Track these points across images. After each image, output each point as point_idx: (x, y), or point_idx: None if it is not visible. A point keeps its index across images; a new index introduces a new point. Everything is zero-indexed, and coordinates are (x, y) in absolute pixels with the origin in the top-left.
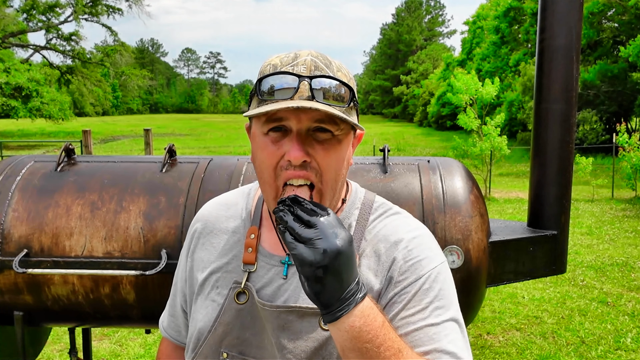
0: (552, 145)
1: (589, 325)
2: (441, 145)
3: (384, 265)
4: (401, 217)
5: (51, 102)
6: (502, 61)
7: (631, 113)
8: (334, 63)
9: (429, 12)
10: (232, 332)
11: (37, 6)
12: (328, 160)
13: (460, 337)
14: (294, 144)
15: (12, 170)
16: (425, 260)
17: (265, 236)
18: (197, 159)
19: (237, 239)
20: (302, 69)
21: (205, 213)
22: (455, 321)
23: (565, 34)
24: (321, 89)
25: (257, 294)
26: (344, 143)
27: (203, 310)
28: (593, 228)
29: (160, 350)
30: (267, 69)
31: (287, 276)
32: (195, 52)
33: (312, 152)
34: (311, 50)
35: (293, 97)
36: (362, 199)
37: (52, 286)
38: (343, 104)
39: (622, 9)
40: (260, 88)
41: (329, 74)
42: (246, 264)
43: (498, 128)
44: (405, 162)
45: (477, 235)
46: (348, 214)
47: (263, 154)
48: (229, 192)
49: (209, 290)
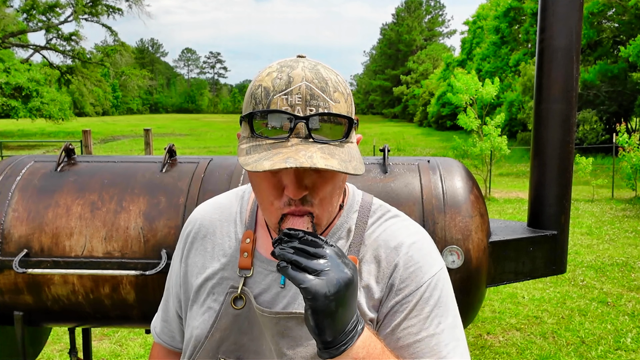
0: (552, 145)
1: (589, 326)
2: (441, 145)
3: (385, 271)
4: (400, 221)
5: (51, 102)
6: (502, 61)
7: (631, 113)
8: (329, 82)
9: (429, 12)
10: (229, 337)
11: (37, 6)
12: (326, 187)
13: (459, 343)
14: (292, 179)
15: (12, 170)
16: (426, 266)
17: (261, 241)
18: (197, 159)
19: (232, 244)
20: (297, 99)
21: (198, 216)
22: (454, 327)
23: (566, 34)
24: (317, 121)
25: (255, 300)
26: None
27: (199, 317)
28: (593, 228)
29: (152, 355)
30: (258, 92)
31: (285, 284)
32: (195, 52)
33: (310, 184)
34: (305, 67)
35: (289, 138)
36: (360, 201)
37: (52, 286)
38: (341, 132)
39: (622, 9)
40: (252, 121)
41: (326, 103)
42: (242, 269)
43: (498, 128)
44: (405, 162)
45: (477, 235)
46: (346, 218)
47: (262, 185)
48: (222, 195)
49: (205, 297)
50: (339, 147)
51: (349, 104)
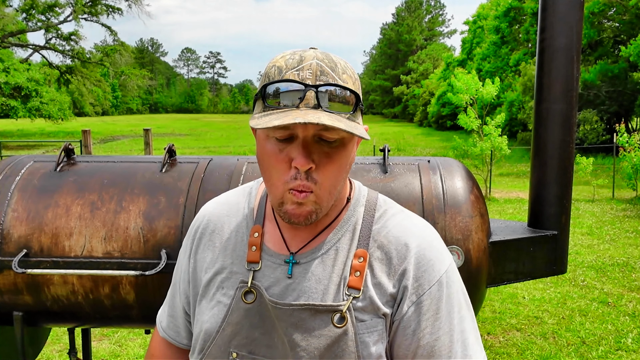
0: (552, 145)
1: (590, 326)
2: (441, 145)
3: (396, 268)
4: (407, 217)
5: (50, 102)
6: (503, 61)
7: (632, 113)
8: (339, 65)
9: (429, 12)
10: (240, 331)
11: (37, 6)
12: (331, 167)
13: (472, 334)
14: (300, 151)
15: (11, 170)
16: (437, 264)
17: (268, 235)
18: (197, 159)
19: (241, 238)
20: (307, 74)
21: (206, 213)
22: (465, 319)
23: (566, 34)
24: (327, 97)
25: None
26: (350, 144)
27: (208, 312)
28: (593, 228)
29: (153, 347)
30: (272, 71)
31: (292, 275)
32: (195, 52)
33: (317, 159)
34: (316, 51)
35: (299, 106)
36: (366, 196)
37: (52, 286)
38: (348, 110)
39: (623, 9)
40: (265, 94)
41: (335, 80)
42: (250, 263)
43: (498, 128)
44: (405, 162)
45: (477, 235)
46: (353, 212)
47: (271, 160)
48: (229, 192)
49: (214, 292)
50: (346, 119)
51: (356, 87)
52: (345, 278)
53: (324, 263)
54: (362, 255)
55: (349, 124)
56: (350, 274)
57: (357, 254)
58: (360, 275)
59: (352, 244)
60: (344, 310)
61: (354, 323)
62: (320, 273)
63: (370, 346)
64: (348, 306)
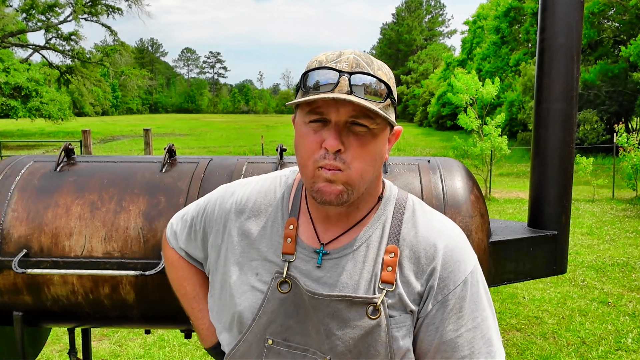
0: (552, 145)
1: (590, 326)
2: (441, 145)
3: (424, 268)
4: (436, 217)
5: (50, 102)
6: (503, 61)
7: (632, 113)
8: (375, 63)
9: (429, 12)
10: (276, 320)
11: (37, 6)
12: (360, 152)
13: (493, 332)
14: (332, 133)
15: (11, 170)
16: (462, 265)
17: (302, 228)
18: (197, 159)
19: (277, 229)
20: (344, 65)
21: (243, 198)
22: (487, 318)
23: (566, 34)
24: (360, 85)
25: (300, 284)
26: (380, 138)
27: (242, 295)
28: (594, 228)
29: (172, 257)
30: (313, 65)
31: (323, 267)
32: (195, 52)
33: (347, 143)
34: (355, 50)
35: (333, 91)
36: (396, 195)
37: (52, 286)
38: (380, 100)
39: (623, 9)
40: (304, 81)
41: (369, 72)
42: (286, 254)
43: (498, 128)
44: (405, 162)
45: (477, 235)
46: (384, 210)
47: (304, 141)
48: (264, 178)
49: (249, 275)
50: (377, 107)
51: (391, 84)
52: (376, 274)
53: (355, 259)
54: (393, 251)
55: (380, 108)
56: (383, 269)
57: (388, 249)
58: (392, 271)
59: (382, 240)
60: (378, 303)
61: (387, 316)
62: (351, 269)
63: (399, 340)
64: (382, 299)
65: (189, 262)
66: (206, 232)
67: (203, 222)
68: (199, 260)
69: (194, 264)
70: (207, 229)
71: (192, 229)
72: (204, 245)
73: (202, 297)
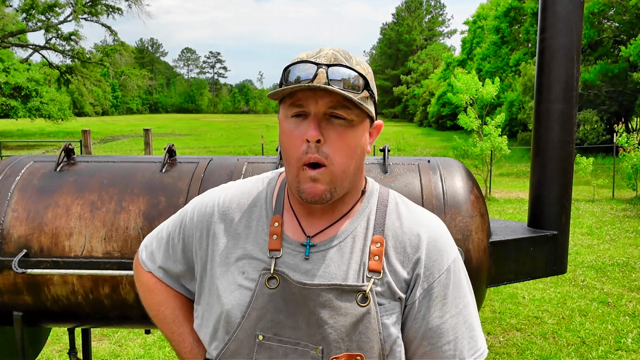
0: (552, 145)
1: (590, 326)
2: (441, 145)
3: (410, 257)
4: (417, 209)
5: (50, 102)
6: (503, 61)
7: (632, 113)
8: (354, 58)
9: (429, 12)
10: (266, 315)
11: (37, 6)
12: (340, 144)
13: (474, 317)
14: (311, 124)
15: (11, 170)
16: (445, 254)
17: (287, 224)
18: (197, 159)
19: (262, 228)
20: (323, 59)
21: (226, 200)
22: (469, 304)
23: (566, 34)
24: (338, 78)
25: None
26: (359, 130)
27: (229, 294)
28: (593, 228)
29: (149, 281)
30: (294, 61)
31: (311, 259)
32: (195, 52)
33: (326, 135)
34: (334, 46)
35: (311, 83)
36: (378, 189)
37: (52, 286)
38: (357, 92)
39: (623, 9)
40: (285, 76)
41: (347, 65)
42: (272, 251)
43: (498, 128)
44: (405, 162)
45: (477, 235)
46: (367, 203)
47: (287, 137)
48: (247, 181)
49: (235, 275)
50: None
51: (369, 77)
52: (364, 263)
53: (342, 250)
54: (379, 241)
55: (357, 100)
56: (370, 258)
57: (374, 240)
58: (379, 260)
59: (367, 232)
60: (367, 290)
61: (376, 304)
62: (339, 259)
63: (389, 327)
64: (370, 287)
65: (166, 284)
66: (186, 242)
67: (182, 234)
68: (179, 278)
69: (173, 284)
70: (187, 240)
71: (169, 244)
72: (185, 256)
73: (181, 319)
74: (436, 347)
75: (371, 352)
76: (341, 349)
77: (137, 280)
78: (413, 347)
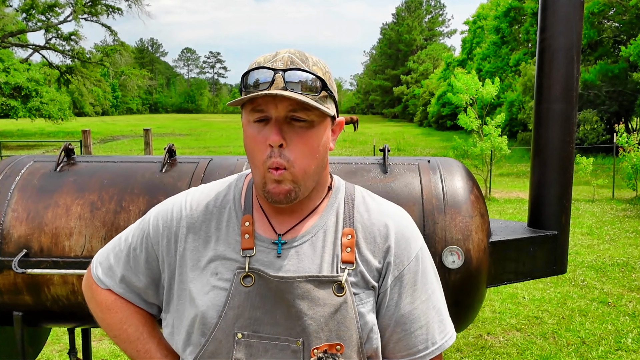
0: (552, 145)
1: (590, 326)
2: (441, 145)
3: (380, 246)
4: (383, 202)
5: (50, 102)
6: (503, 61)
7: (632, 113)
8: (310, 59)
9: (429, 12)
10: (243, 313)
11: (37, 6)
12: (302, 147)
13: (441, 303)
14: (273, 129)
15: (11, 170)
16: (413, 242)
17: (258, 223)
18: (197, 159)
19: (232, 228)
20: (279, 64)
21: (192, 205)
22: (436, 290)
23: (566, 34)
24: (295, 81)
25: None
26: (320, 129)
27: (203, 296)
28: (594, 228)
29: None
30: (252, 66)
31: (283, 256)
32: (195, 52)
33: (289, 138)
34: (291, 48)
35: (269, 88)
36: (345, 185)
37: (52, 286)
38: (315, 93)
39: (623, 9)
40: (244, 82)
41: (303, 68)
42: (245, 250)
43: (498, 128)
44: (405, 162)
45: (477, 235)
46: (335, 199)
47: (251, 142)
48: (212, 184)
49: (208, 277)
50: (314, 101)
51: (326, 78)
52: (337, 255)
53: (314, 245)
54: (349, 233)
55: (315, 102)
56: (342, 250)
57: (345, 232)
58: (351, 251)
59: (337, 225)
60: (343, 281)
61: (352, 293)
62: (311, 254)
63: (365, 316)
64: (345, 277)
65: (127, 301)
66: (150, 252)
67: (145, 243)
68: (141, 293)
69: (134, 299)
70: (151, 249)
71: (129, 256)
72: (149, 266)
73: (146, 336)
74: (409, 333)
75: (350, 341)
76: (321, 340)
77: (92, 300)
78: (387, 334)
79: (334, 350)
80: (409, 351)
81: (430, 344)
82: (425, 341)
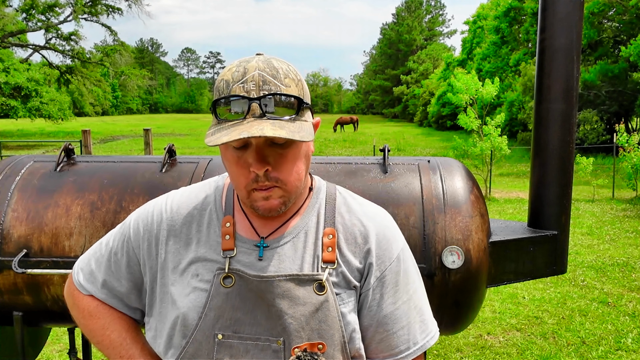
0: (552, 145)
1: (590, 326)
2: (441, 145)
3: (362, 247)
4: (365, 203)
5: (50, 102)
6: (503, 61)
7: (632, 113)
8: (280, 70)
9: (429, 12)
10: (223, 314)
11: (37, 6)
12: (287, 166)
13: (423, 302)
14: (255, 156)
15: (11, 170)
16: (394, 242)
17: (239, 224)
18: (197, 159)
19: (213, 230)
20: (251, 85)
21: (173, 207)
22: (417, 290)
23: (566, 34)
24: (272, 102)
25: (245, 274)
26: (301, 142)
27: (183, 298)
28: (593, 228)
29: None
30: (221, 85)
31: (264, 258)
32: (195, 52)
33: (272, 161)
34: (259, 60)
35: (246, 117)
36: (325, 185)
37: (52, 286)
38: (292, 113)
39: (623, 9)
40: (215, 109)
41: (277, 87)
42: (226, 251)
43: (498, 128)
44: (405, 162)
45: (477, 235)
46: (317, 199)
47: (233, 167)
48: (192, 187)
49: (189, 280)
50: (290, 122)
51: (299, 88)
52: (318, 255)
53: (295, 245)
54: (330, 233)
55: (291, 128)
56: (323, 250)
57: (326, 232)
58: (332, 251)
59: (318, 225)
60: (324, 280)
61: (333, 293)
62: (292, 254)
63: (347, 316)
64: (326, 277)
65: (109, 306)
66: (131, 256)
67: (126, 247)
68: (123, 297)
69: (117, 304)
70: (132, 253)
71: (110, 260)
72: (130, 270)
73: (129, 341)
74: (391, 333)
75: (332, 340)
76: (302, 339)
77: (74, 307)
78: (369, 334)
79: (315, 349)
80: (390, 352)
81: (412, 344)
82: (407, 341)
